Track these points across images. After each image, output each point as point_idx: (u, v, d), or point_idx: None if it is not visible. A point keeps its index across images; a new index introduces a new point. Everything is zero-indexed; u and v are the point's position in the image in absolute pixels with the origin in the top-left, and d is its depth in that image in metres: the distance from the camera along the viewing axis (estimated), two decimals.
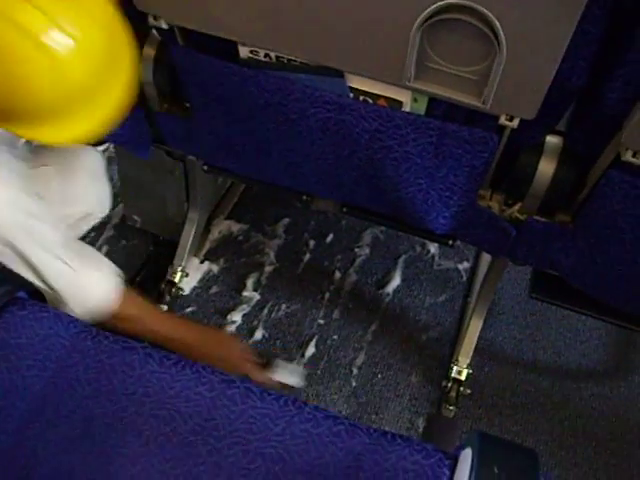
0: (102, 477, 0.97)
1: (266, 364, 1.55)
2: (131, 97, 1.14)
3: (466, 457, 0.87)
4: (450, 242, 1.49)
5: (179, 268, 2.01)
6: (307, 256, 2.16)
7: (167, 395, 1.02)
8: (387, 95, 1.17)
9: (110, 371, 1.05)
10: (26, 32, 0.93)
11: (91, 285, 1.26)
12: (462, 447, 0.91)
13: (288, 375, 1.56)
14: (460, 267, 2.16)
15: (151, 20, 1.20)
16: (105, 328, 1.20)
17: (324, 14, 1.05)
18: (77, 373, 1.06)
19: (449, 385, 1.82)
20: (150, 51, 1.35)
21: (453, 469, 0.93)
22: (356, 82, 1.17)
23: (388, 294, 2.08)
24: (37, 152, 1.54)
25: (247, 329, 1.98)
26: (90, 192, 1.64)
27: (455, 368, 1.82)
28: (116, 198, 1.80)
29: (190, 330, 1.48)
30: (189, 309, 2.02)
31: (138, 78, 1.16)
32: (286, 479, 0.95)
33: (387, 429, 1.02)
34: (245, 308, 2.02)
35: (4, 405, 1.03)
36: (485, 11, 0.93)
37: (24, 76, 0.97)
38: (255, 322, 2.00)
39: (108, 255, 2.06)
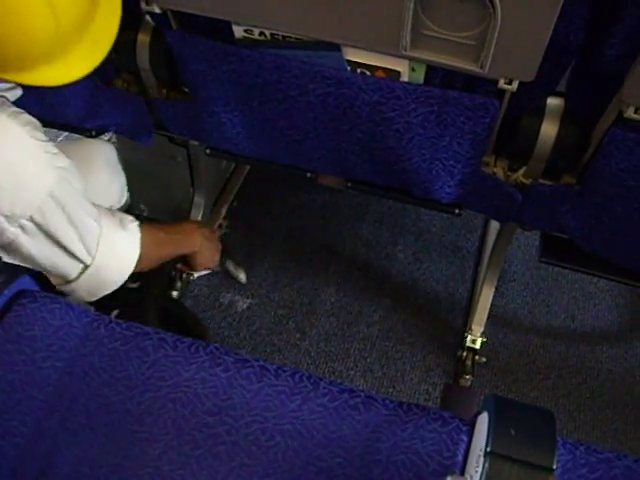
0: (123, 462, 0.98)
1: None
2: (119, 17, 1.11)
3: (483, 421, 0.87)
4: (457, 211, 1.48)
5: None
6: (316, 235, 2.16)
7: (182, 378, 1.02)
8: (385, 66, 1.17)
9: (124, 358, 1.05)
10: None
11: (122, 243, 1.28)
12: (479, 412, 0.92)
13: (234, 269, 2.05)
14: (469, 236, 2.15)
15: (144, 5, 1.20)
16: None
17: None
18: (92, 362, 1.06)
19: (464, 354, 1.83)
20: (145, 37, 1.35)
21: (471, 435, 0.93)
22: (353, 55, 1.17)
23: (398, 268, 2.08)
24: None
25: (260, 309, 1.99)
26: (111, 186, 1.64)
27: (469, 337, 1.82)
28: None
29: (191, 232, 1.56)
30: (200, 293, 2.03)
31: None
32: (305, 454, 0.96)
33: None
34: (257, 289, 2.03)
35: (22, 397, 1.04)
36: None
37: (14, 13, 0.92)
38: (268, 302, 2.00)
39: None
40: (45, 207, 1.09)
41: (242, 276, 2.04)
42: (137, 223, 1.32)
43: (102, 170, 1.62)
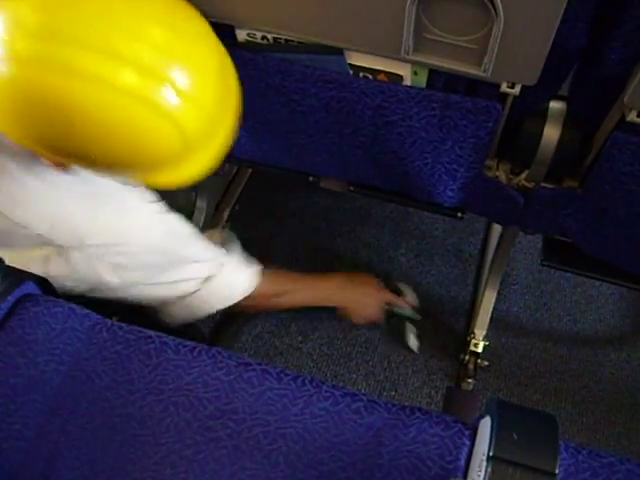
0: (125, 465, 0.98)
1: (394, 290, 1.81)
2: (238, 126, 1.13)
3: (485, 425, 0.87)
4: (459, 214, 1.48)
5: None
6: (318, 238, 2.16)
7: (185, 382, 1.02)
8: (387, 70, 1.17)
9: (127, 361, 1.05)
10: (136, 97, 0.89)
11: (232, 283, 1.42)
12: (481, 416, 0.91)
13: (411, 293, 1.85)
14: (471, 240, 2.15)
15: None
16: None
17: None
18: (94, 365, 1.06)
19: (466, 358, 1.82)
20: None
21: (473, 439, 0.93)
22: (355, 58, 1.17)
23: (400, 271, 2.08)
24: None
25: (263, 314, 1.99)
26: None
27: (472, 340, 1.82)
28: None
29: (329, 284, 1.63)
30: None
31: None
32: (307, 458, 0.95)
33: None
34: None
35: (24, 400, 1.03)
36: None
37: (140, 137, 0.94)
38: None
39: None
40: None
41: (413, 345, 1.92)
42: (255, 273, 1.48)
43: None
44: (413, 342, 1.89)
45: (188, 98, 0.94)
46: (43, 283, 1.16)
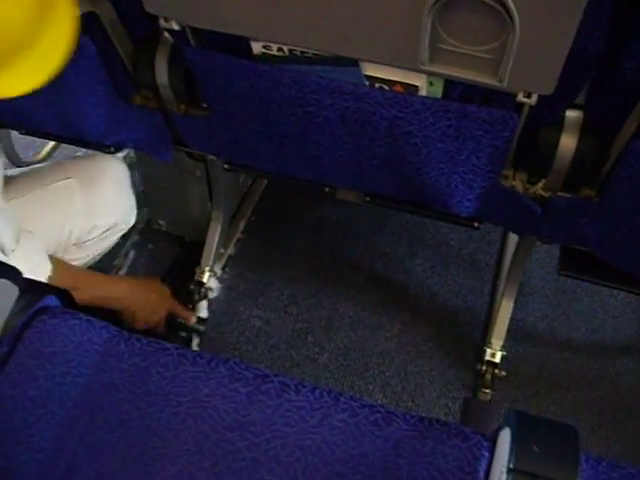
0: (143, 478, 0.98)
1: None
2: (73, 37, 1.03)
3: (505, 437, 0.86)
4: (475, 224, 1.48)
5: (207, 268, 2.02)
6: (333, 248, 2.16)
7: (202, 393, 1.02)
8: (403, 81, 1.17)
9: (145, 373, 1.05)
10: None
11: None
12: (500, 428, 0.91)
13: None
14: (487, 249, 2.15)
15: (162, 22, 1.20)
16: None
17: (334, 3, 1.04)
18: (112, 377, 1.06)
19: (484, 368, 1.82)
20: (163, 53, 1.36)
21: (492, 451, 0.93)
22: (371, 70, 1.17)
23: (416, 281, 2.08)
24: (58, 165, 1.55)
25: (278, 323, 1.99)
26: (116, 205, 1.66)
27: (489, 351, 1.81)
28: (140, 203, 1.82)
29: (122, 285, 1.65)
30: (218, 308, 2.03)
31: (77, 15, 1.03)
32: (325, 470, 0.95)
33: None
34: (275, 303, 2.03)
35: (43, 413, 1.04)
36: None
37: None
38: (285, 317, 2.00)
39: (135, 259, 2.08)
40: None
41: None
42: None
43: (106, 187, 1.64)
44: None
45: None
46: (63, 295, 1.16)
